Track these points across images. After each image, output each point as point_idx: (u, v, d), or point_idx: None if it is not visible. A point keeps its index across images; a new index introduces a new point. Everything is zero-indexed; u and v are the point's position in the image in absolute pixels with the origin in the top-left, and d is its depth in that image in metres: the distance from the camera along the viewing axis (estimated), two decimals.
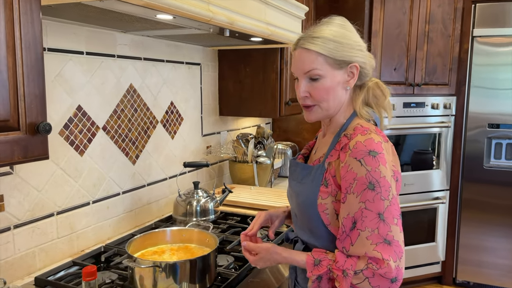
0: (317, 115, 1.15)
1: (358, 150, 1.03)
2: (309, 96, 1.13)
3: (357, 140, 1.05)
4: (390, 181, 1.02)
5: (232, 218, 1.96)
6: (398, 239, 1.00)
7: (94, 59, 1.62)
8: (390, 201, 1.00)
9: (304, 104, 1.15)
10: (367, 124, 1.12)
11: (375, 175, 1.01)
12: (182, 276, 1.19)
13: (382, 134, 1.11)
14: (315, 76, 1.11)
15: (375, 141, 1.04)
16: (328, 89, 1.11)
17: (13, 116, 0.91)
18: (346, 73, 1.13)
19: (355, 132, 1.08)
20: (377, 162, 1.01)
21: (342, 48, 1.10)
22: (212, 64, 2.42)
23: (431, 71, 3.12)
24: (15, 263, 1.38)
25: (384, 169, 1.01)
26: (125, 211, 1.83)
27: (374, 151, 1.02)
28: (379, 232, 0.99)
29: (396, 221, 1.01)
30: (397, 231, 1.00)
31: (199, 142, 2.34)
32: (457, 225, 3.30)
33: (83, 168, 1.61)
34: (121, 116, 1.77)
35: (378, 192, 1.00)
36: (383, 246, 0.98)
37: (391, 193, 1.01)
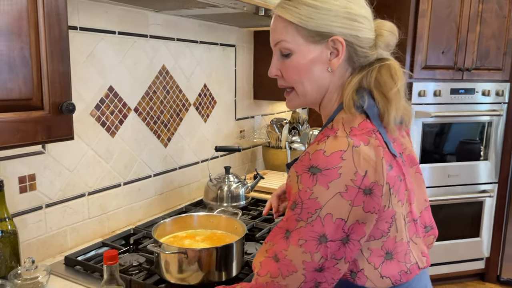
0: (294, 102, 0.96)
1: (302, 164, 0.83)
2: (281, 76, 0.95)
3: (307, 150, 0.85)
4: (322, 202, 0.80)
5: (262, 205, 1.91)
6: (293, 258, 0.82)
7: (127, 39, 1.59)
8: (308, 223, 0.81)
9: (279, 86, 0.97)
10: (345, 120, 0.87)
11: (303, 196, 0.81)
12: (207, 264, 1.15)
13: (362, 132, 0.84)
14: (284, 50, 0.90)
15: (326, 153, 0.80)
16: (300, 69, 0.89)
17: (36, 95, 0.89)
18: (328, 49, 0.89)
19: (317, 138, 0.88)
20: (314, 181, 0.80)
21: (318, 14, 0.86)
22: (248, 46, 2.34)
23: (483, 54, 2.89)
24: (47, 241, 1.39)
25: (319, 189, 0.79)
26: (156, 194, 1.82)
27: (316, 167, 0.80)
28: (275, 247, 0.84)
29: (303, 242, 0.81)
30: (295, 251, 0.82)
31: (232, 126, 2.29)
32: (505, 220, 3.10)
33: (114, 150, 1.60)
34: (153, 98, 1.75)
35: (296, 213, 0.82)
36: (269, 260, 0.84)
37: (314, 215, 0.80)
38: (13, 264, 1.21)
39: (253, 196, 1.93)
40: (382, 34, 0.91)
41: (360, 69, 0.92)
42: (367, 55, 0.91)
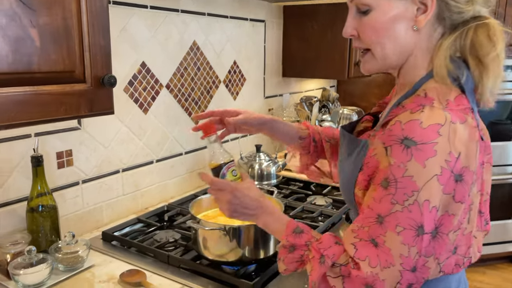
0: (371, 65, 0.84)
1: (391, 134, 0.74)
2: (357, 36, 0.83)
3: (397, 119, 0.74)
4: (420, 184, 0.71)
5: (294, 184, 1.89)
6: (392, 248, 0.73)
7: (158, 14, 1.56)
8: (405, 207, 0.72)
9: (355, 47, 0.87)
10: (439, 90, 0.77)
11: (396, 172, 0.72)
12: (246, 240, 1.14)
13: (459, 108, 0.75)
14: (362, 6, 0.80)
15: (422, 124, 0.71)
16: (380, 27, 0.79)
17: (79, 67, 0.87)
18: (414, 4, 0.77)
19: (407, 106, 0.77)
20: (408, 156, 0.71)
21: None
22: (277, 21, 2.29)
23: None
24: (83, 216, 1.41)
25: (416, 166, 0.71)
26: (187, 171, 1.82)
27: (411, 139, 0.71)
28: (369, 230, 0.75)
29: (401, 230, 0.72)
30: (394, 240, 0.73)
31: (261, 104, 2.25)
32: None
33: (147, 127, 1.60)
34: (184, 74, 1.72)
35: (390, 193, 0.73)
36: (366, 244, 0.75)
37: (411, 199, 0.71)
38: (53, 238, 1.23)
39: (284, 175, 1.91)
40: None
41: (452, 29, 0.80)
42: (461, 10, 0.77)
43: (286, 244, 0.85)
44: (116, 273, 1.15)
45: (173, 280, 1.13)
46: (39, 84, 0.81)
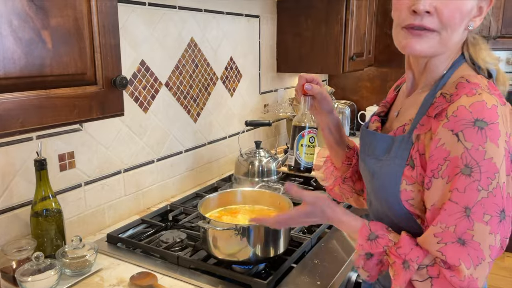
0: (429, 46, 0.81)
1: (459, 119, 0.73)
2: (432, 14, 0.78)
3: (460, 104, 0.74)
4: (498, 164, 0.72)
5: (294, 180, 1.89)
6: (480, 241, 0.73)
7: (156, 11, 1.54)
8: (490, 192, 0.72)
9: (419, 25, 0.79)
10: (477, 78, 0.80)
11: (476, 156, 0.71)
12: (256, 240, 1.14)
13: (497, 93, 0.79)
14: None
15: (487, 105, 0.72)
16: (463, 13, 0.78)
17: (90, 69, 0.85)
18: (477, 5, 0.81)
19: (458, 92, 0.77)
20: (484, 137, 0.71)
21: None
22: (271, 17, 2.27)
23: (508, 22, 2.80)
24: (86, 219, 1.38)
25: (492, 147, 0.71)
26: (187, 170, 1.80)
27: (482, 120, 0.71)
28: (455, 230, 0.73)
29: (488, 218, 0.72)
30: (482, 230, 0.72)
31: (257, 100, 2.24)
32: None
33: (147, 126, 1.57)
34: (182, 72, 1.70)
35: (475, 180, 0.72)
36: (454, 246, 0.73)
37: (494, 182, 0.72)
38: (59, 243, 1.20)
39: (283, 171, 1.91)
40: None
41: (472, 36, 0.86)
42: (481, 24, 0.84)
43: (361, 253, 0.83)
44: (125, 276, 1.14)
45: (185, 281, 1.12)
46: (51, 88, 0.79)
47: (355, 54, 2.25)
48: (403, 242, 0.79)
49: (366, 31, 2.45)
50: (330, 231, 1.41)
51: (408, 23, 0.80)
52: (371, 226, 0.84)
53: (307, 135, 0.95)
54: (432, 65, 0.86)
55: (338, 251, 1.31)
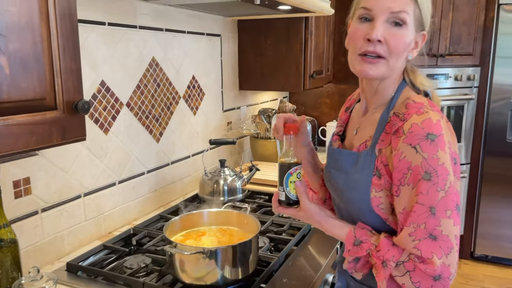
0: (380, 70, 0.94)
1: (414, 135, 0.87)
2: (383, 44, 0.92)
3: (412, 122, 0.88)
4: (448, 167, 0.87)
5: (259, 197, 1.89)
6: (448, 233, 0.86)
7: (117, 30, 1.51)
8: (446, 191, 0.86)
9: (373, 51, 0.93)
10: (419, 98, 0.94)
11: (433, 163, 0.86)
12: (225, 262, 1.13)
13: (437, 108, 0.94)
14: (402, 20, 0.91)
15: (433, 120, 0.87)
16: (407, 44, 0.93)
17: (50, 94, 0.82)
18: (414, 40, 0.96)
19: (408, 111, 0.91)
20: (436, 147, 0.86)
21: (428, 7, 0.95)
22: (232, 36, 2.30)
23: (455, 40, 2.99)
24: (44, 247, 1.31)
25: (443, 154, 0.86)
26: (150, 191, 1.76)
27: (432, 133, 0.86)
28: (426, 227, 0.86)
29: (450, 213, 0.86)
30: (448, 224, 0.86)
31: (220, 117, 2.24)
32: (477, 200, 3.25)
33: (108, 147, 1.53)
34: (144, 91, 1.68)
35: (434, 183, 0.86)
36: (427, 242, 0.86)
37: (448, 182, 0.87)
38: (15, 275, 1.13)
39: (249, 189, 1.91)
40: None
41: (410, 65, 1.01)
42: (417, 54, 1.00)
43: (350, 259, 0.96)
44: None
45: None
46: (8, 115, 0.75)
47: (314, 72, 2.31)
48: (381, 245, 0.92)
49: (325, 49, 2.53)
50: (297, 248, 1.42)
51: (364, 50, 0.94)
52: (356, 233, 0.96)
53: (294, 172, 1.02)
54: (381, 88, 1.01)
55: (306, 269, 1.32)
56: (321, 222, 1.01)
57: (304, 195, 1.01)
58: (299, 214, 1.03)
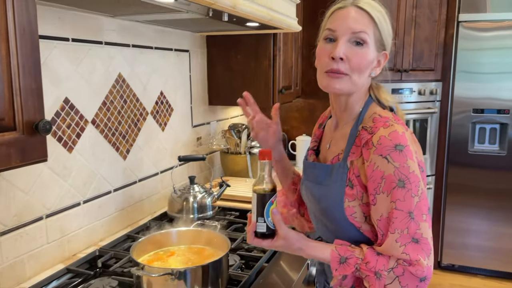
0: (344, 85, 1.01)
1: (383, 146, 0.94)
2: (345, 61, 0.99)
3: (380, 135, 0.95)
4: (418, 175, 0.94)
5: (230, 213, 1.87)
6: (427, 236, 0.93)
7: (81, 47, 1.48)
8: (420, 196, 0.93)
9: (336, 70, 1.00)
10: (385, 112, 1.02)
11: (404, 171, 0.92)
12: (194, 282, 1.10)
13: (401, 122, 1.02)
14: (362, 39, 0.99)
15: (399, 133, 0.94)
16: (368, 62, 1.00)
17: (8, 114, 0.78)
18: (377, 58, 1.03)
19: (375, 125, 0.98)
20: (405, 157, 0.93)
21: (388, 29, 1.03)
22: (201, 51, 2.29)
23: (418, 56, 3.10)
24: (3, 273, 1.25)
25: (412, 163, 0.93)
26: (116, 210, 1.71)
27: (400, 144, 0.93)
28: (408, 232, 0.92)
29: (425, 217, 0.94)
30: (425, 227, 0.93)
31: (189, 133, 2.22)
32: (443, 210, 3.35)
33: (72, 166, 1.48)
34: (110, 108, 1.64)
35: (408, 189, 0.92)
36: (411, 245, 0.92)
37: (420, 188, 0.93)
38: None
39: (219, 205, 1.89)
40: None
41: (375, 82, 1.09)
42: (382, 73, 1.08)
43: (339, 277, 0.98)
44: None
45: None
46: None
47: (283, 87, 2.33)
48: (368, 257, 0.95)
49: (293, 65, 2.56)
50: (268, 265, 1.41)
51: (329, 67, 1.01)
52: (339, 251, 0.98)
53: (274, 200, 0.99)
54: (349, 104, 1.07)
55: (278, 285, 1.31)
56: (302, 247, 1.01)
57: (282, 223, 1.00)
58: (277, 244, 1.00)
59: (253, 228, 1.00)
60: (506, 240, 3.19)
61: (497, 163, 3.14)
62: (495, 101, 3.09)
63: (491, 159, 3.16)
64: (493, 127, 3.17)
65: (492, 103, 3.10)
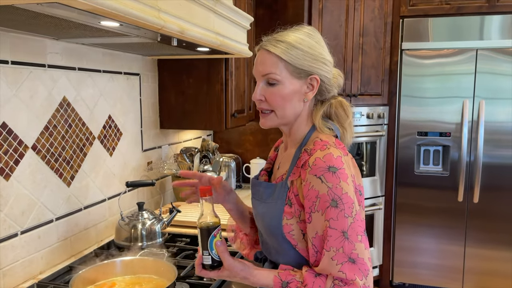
0: (272, 122, 1.11)
1: (318, 167, 0.98)
2: (264, 100, 1.08)
3: (316, 157, 1.00)
4: (352, 197, 0.98)
5: (181, 240, 1.83)
6: (363, 257, 0.96)
7: (21, 69, 1.42)
8: (354, 217, 0.96)
9: (260, 108, 1.10)
10: (327, 137, 1.07)
11: (337, 192, 0.96)
12: None
13: (342, 147, 1.07)
14: (272, 80, 1.06)
15: (334, 156, 0.99)
16: (284, 97, 1.06)
17: None
18: (306, 84, 1.07)
19: (314, 147, 1.03)
20: (338, 179, 0.97)
21: (304, 57, 1.05)
22: (152, 75, 2.27)
23: (365, 82, 3.24)
24: None
25: (345, 185, 0.97)
26: (59, 240, 1.63)
27: (333, 166, 0.97)
28: (344, 251, 0.95)
29: (360, 238, 0.97)
30: (361, 248, 0.96)
31: (139, 158, 2.17)
32: (393, 229, 3.45)
33: (9, 195, 1.40)
34: (53, 133, 1.57)
35: (341, 209, 0.96)
36: (348, 265, 0.94)
37: (354, 210, 0.97)
38: None
39: (169, 232, 1.84)
40: (336, 76, 1.13)
41: (321, 102, 1.12)
42: (330, 91, 1.11)
43: None
44: None
45: None
46: None
47: (236, 111, 2.35)
48: (306, 280, 0.97)
49: (246, 89, 2.59)
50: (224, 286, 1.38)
51: (258, 107, 1.11)
52: (281, 276, 1.00)
53: (217, 233, 1.03)
54: (293, 130, 1.13)
55: None
56: (247, 276, 1.03)
57: (226, 253, 1.03)
58: (223, 274, 1.04)
59: (200, 260, 1.05)
60: (451, 257, 3.32)
61: (441, 183, 3.29)
62: (438, 124, 3.26)
63: (435, 179, 3.31)
64: (436, 149, 3.33)
65: (435, 126, 3.27)
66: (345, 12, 3.07)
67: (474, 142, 3.17)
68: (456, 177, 3.23)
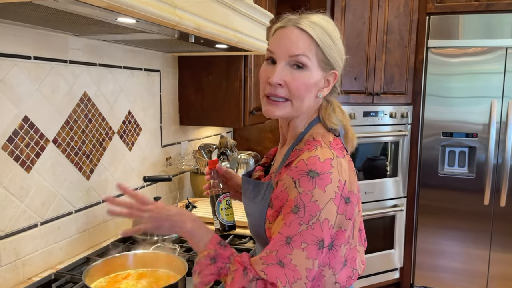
0: (284, 112, 0.98)
1: (298, 170, 0.90)
2: (283, 86, 0.96)
3: (301, 158, 0.92)
4: (322, 206, 0.88)
5: None
6: (297, 264, 0.87)
7: (43, 65, 1.46)
8: (309, 226, 0.87)
9: (274, 94, 0.96)
10: (322, 136, 0.98)
11: (305, 199, 0.88)
12: None
13: (339, 147, 0.98)
14: (301, 63, 0.94)
15: (320, 159, 0.90)
16: (308, 86, 0.96)
17: None
18: (324, 78, 0.99)
19: (304, 147, 0.95)
20: (313, 184, 0.88)
21: (334, 48, 0.97)
22: (172, 71, 2.30)
23: (389, 80, 3.17)
24: None
25: (319, 192, 0.88)
26: (78, 232, 1.67)
27: (314, 171, 0.88)
28: (277, 254, 0.88)
29: (305, 246, 0.87)
30: (300, 255, 0.87)
31: (158, 153, 2.20)
32: (414, 231, 3.38)
33: (30, 186, 1.44)
34: (73, 127, 1.61)
35: (299, 217, 0.88)
36: (274, 267, 0.87)
37: (315, 218, 0.87)
38: None
39: None
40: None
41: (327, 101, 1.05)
42: (335, 91, 1.05)
43: (211, 254, 0.92)
44: None
45: None
46: None
47: (255, 108, 2.35)
48: (244, 255, 0.93)
49: None
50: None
51: (267, 92, 0.97)
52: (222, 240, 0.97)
53: (223, 199, 1.11)
54: (293, 124, 1.04)
55: None
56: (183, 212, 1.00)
57: None
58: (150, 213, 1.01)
59: None
60: (475, 261, 3.23)
61: (466, 185, 3.20)
62: (464, 124, 3.17)
63: (460, 181, 3.22)
64: (462, 150, 3.23)
65: (461, 127, 3.18)
66: (369, 9, 3.02)
67: (502, 144, 3.06)
68: (483, 179, 3.13)
